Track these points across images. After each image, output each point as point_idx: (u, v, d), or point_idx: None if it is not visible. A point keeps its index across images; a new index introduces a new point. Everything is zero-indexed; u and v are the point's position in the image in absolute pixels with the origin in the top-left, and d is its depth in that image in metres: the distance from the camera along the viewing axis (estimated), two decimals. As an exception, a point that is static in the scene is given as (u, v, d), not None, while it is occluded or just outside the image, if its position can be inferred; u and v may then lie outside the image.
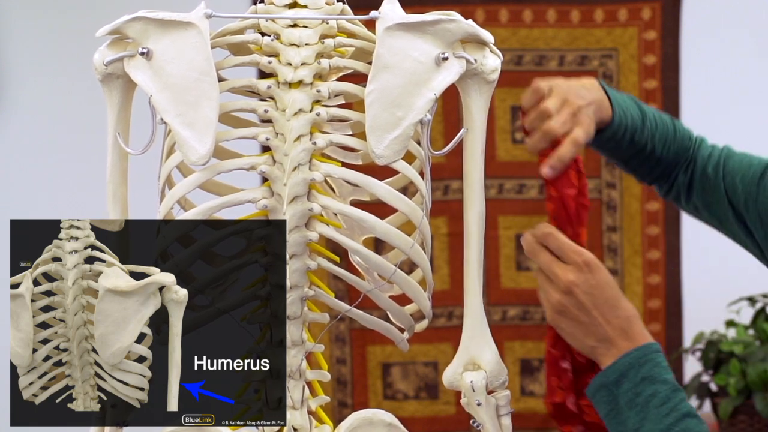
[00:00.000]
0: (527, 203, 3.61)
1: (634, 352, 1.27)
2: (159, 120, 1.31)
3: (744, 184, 1.50)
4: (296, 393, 1.36)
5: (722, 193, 1.52)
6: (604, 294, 1.29)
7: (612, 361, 1.27)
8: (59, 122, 3.56)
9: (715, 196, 1.53)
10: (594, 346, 1.29)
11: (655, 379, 1.26)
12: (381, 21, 1.30)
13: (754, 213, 1.48)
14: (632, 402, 1.25)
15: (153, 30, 1.31)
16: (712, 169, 1.54)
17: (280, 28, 1.32)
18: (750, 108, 3.58)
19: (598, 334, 1.28)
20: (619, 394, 1.26)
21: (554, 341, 1.35)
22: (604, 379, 1.27)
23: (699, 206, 1.57)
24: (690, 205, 1.59)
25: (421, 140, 1.35)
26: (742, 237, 1.53)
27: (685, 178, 1.57)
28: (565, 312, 1.29)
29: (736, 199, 1.51)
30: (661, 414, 1.24)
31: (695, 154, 1.57)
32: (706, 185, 1.55)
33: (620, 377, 1.26)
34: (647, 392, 1.25)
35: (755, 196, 1.48)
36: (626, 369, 1.26)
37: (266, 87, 1.31)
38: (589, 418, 1.33)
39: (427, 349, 3.60)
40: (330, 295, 1.35)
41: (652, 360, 1.27)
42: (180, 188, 1.32)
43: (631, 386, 1.26)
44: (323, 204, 1.32)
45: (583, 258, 1.30)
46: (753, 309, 3.34)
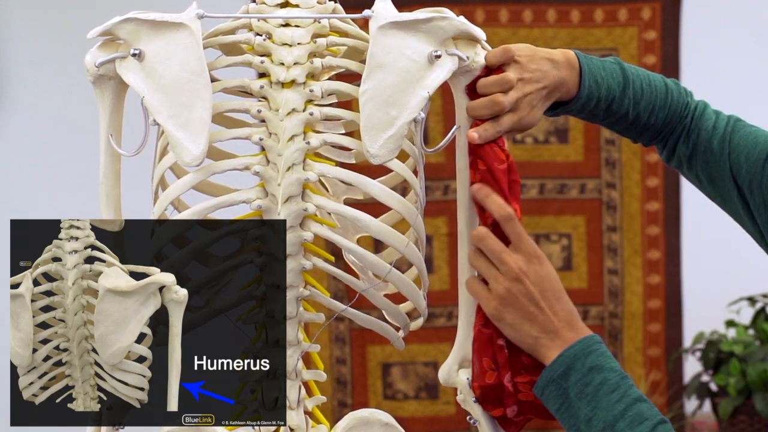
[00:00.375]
0: (527, 203, 3.61)
1: (577, 344, 1.27)
2: (152, 121, 1.30)
3: (749, 164, 1.46)
4: (293, 393, 1.36)
5: (727, 171, 1.49)
6: (552, 285, 1.29)
7: (557, 352, 1.27)
8: (59, 122, 3.57)
9: (719, 172, 1.50)
10: (538, 337, 1.28)
11: (602, 368, 1.26)
12: (374, 20, 1.30)
13: (759, 196, 1.45)
14: (582, 392, 1.25)
15: (145, 31, 1.31)
16: (717, 144, 1.50)
17: (272, 28, 1.32)
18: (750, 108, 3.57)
19: (543, 325, 1.28)
20: (568, 386, 1.25)
21: (485, 319, 1.33)
22: (552, 374, 1.26)
23: (703, 180, 1.53)
24: (692, 175, 1.54)
25: (414, 139, 1.35)
26: (744, 219, 1.49)
27: (687, 149, 1.53)
28: (512, 301, 1.28)
29: (741, 180, 1.47)
30: (612, 401, 1.24)
31: (697, 123, 1.53)
32: (710, 160, 1.51)
33: (567, 369, 1.26)
34: (596, 381, 1.25)
35: (760, 179, 1.45)
36: (572, 361, 1.26)
37: (259, 87, 1.31)
38: (524, 397, 1.31)
39: (427, 349, 3.60)
40: (325, 294, 1.35)
41: (596, 350, 1.27)
42: (174, 189, 1.31)
43: (580, 377, 1.25)
44: (318, 204, 1.32)
45: (534, 248, 1.30)
46: (753, 309, 3.35)
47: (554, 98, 1.41)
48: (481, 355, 1.33)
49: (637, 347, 3.62)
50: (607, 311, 3.62)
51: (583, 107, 1.45)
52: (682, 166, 1.55)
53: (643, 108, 1.49)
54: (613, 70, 1.46)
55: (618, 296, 3.62)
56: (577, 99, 1.43)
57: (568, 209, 3.63)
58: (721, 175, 1.50)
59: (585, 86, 1.43)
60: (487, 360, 1.33)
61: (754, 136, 1.48)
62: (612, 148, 3.62)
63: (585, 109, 1.46)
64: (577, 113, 1.47)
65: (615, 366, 1.27)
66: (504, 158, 1.34)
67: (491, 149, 1.34)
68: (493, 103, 1.34)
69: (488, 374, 1.33)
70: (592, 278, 3.63)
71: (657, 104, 1.50)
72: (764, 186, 1.44)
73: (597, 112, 1.47)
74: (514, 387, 1.31)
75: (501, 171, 1.33)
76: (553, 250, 3.64)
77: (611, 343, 3.62)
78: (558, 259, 3.63)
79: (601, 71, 1.44)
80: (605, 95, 1.45)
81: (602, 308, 3.62)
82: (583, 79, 1.43)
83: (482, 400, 1.34)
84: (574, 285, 3.63)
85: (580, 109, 1.46)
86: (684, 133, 1.54)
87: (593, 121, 1.51)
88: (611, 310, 3.62)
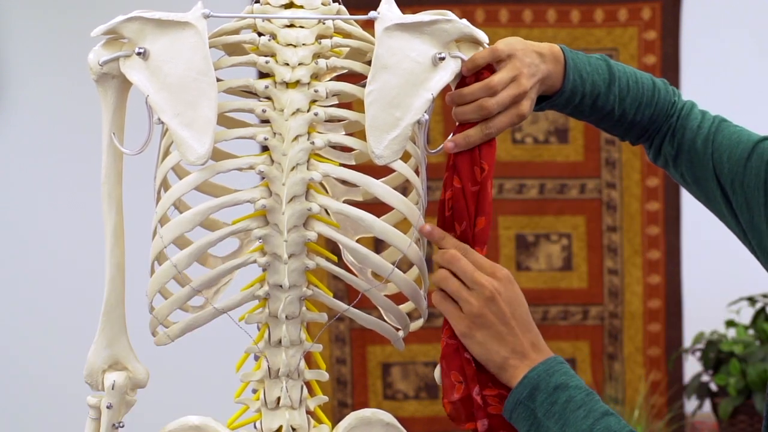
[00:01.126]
0: (527, 203, 3.61)
1: (540, 365, 1.28)
2: (156, 120, 1.30)
3: (731, 163, 1.47)
4: (294, 393, 1.36)
5: (710, 170, 1.49)
6: (521, 308, 1.30)
7: (523, 372, 1.27)
8: (59, 122, 3.57)
9: (703, 172, 1.50)
10: (506, 357, 1.29)
11: (567, 386, 1.26)
12: (380, 21, 1.30)
13: (741, 195, 1.45)
14: (549, 411, 1.26)
15: (150, 30, 1.31)
16: (701, 143, 1.51)
17: (277, 28, 1.32)
18: (750, 108, 3.57)
19: (513, 345, 1.29)
20: (535, 407, 1.26)
21: (452, 332, 1.32)
22: (518, 396, 1.27)
23: (688, 179, 1.54)
24: (678, 174, 1.55)
25: (417, 140, 1.36)
26: (728, 218, 1.49)
27: (672, 149, 1.54)
28: (484, 321, 1.29)
29: (723, 179, 1.48)
30: (579, 417, 1.24)
31: (683, 122, 1.54)
32: (694, 159, 1.51)
33: (533, 390, 1.26)
34: (562, 399, 1.26)
35: (741, 178, 1.45)
36: (537, 381, 1.27)
37: (264, 87, 1.31)
38: (493, 410, 1.30)
39: (427, 349, 3.60)
40: (328, 294, 1.35)
41: (560, 369, 1.28)
42: (177, 189, 1.31)
43: (546, 396, 1.26)
44: (322, 203, 1.32)
45: (504, 271, 1.31)
46: (753, 309, 3.35)
47: (540, 92, 1.40)
48: (450, 368, 1.33)
49: (637, 347, 3.62)
50: (607, 311, 3.62)
51: (568, 102, 1.45)
52: (668, 165, 1.56)
53: (629, 104, 1.49)
54: (599, 65, 1.46)
55: (618, 296, 3.62)
56: (561, 93, 1.43)
57: (568, 209, 3.63)
58: (705, 175, 1.50)
59: (569, 80, 1.42)
60: (455, 373, 1.32)
61: (737, 136, 1.49)
62: (612, 148, 3.62)
63: (570, 104, 1.45)
64: (561, 108, 1.47)
65: (580, 383, 1.28)
66: (479, 179, 1.33)
67: (471, 168, 1.33)
68: (479, 108, 1.34)
69: (457, 387, 1.32)
70: (592, 278, 3.63)
71: (643, 101, 1.50)
72: (746, 185, 1.45)
73: (582, 108, 1.47)
74: (483, 400, 1.31)
75: (472, 193, 1.33)
76: (553, 250, 3.64)
77: (611, 343, 3.62)
78: (558, 259, 3.63)
79: (586, 66, 1.44)
80: (590, 90, 1.45)
81: (602, 308, 3.62)
82: (567, 73, 1.42)
83: (454, 416, 1.33)
84: (574, 285, 3.63)
85: (565, 104, 1.46)
86: (669, 132, 1.54)
87: (579, 118, 1.51)
88: (611, 310, 3.62)
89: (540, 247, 3.63)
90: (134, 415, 1.48)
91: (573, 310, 3.62)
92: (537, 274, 3.62)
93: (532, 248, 3.63)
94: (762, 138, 1.48)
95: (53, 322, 3.55)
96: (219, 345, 2.56)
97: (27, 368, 3.59)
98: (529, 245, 3.62)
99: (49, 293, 3.55)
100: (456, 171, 1.34)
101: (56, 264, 3.55)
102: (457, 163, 1.34)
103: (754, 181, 1.44)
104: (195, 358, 3.27)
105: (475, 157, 1.34)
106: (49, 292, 3.56)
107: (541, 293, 3.59)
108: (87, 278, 2.78)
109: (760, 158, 1.44)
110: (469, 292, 1.30)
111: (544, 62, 1.39)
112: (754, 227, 1.45)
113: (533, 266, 3.63)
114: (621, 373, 3.60)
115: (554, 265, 3.63)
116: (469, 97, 1.34)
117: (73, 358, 2.07)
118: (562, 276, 3.63)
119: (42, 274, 3.55)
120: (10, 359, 3.59)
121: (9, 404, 3.59)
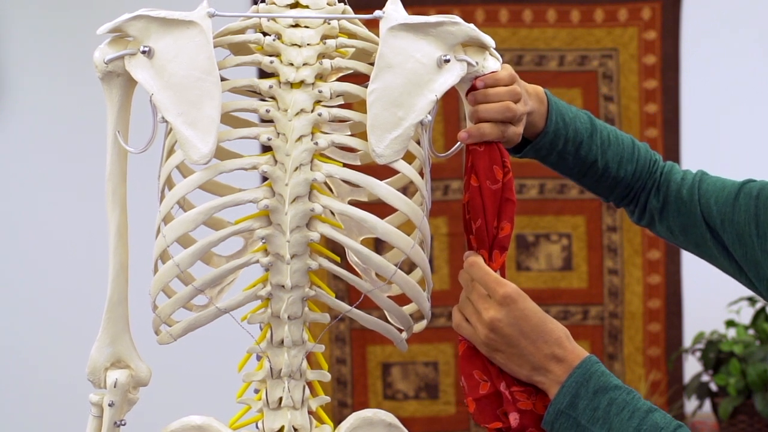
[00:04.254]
0: (527, 203, 3.61)
1: (576, 371, 1.28)
2: (160, 119, 1.30)
3: (719, 205, 1.52)
4: (296, 393, 1.36)
5: (698, 216, 1.54)
6: (530, 323, 1.29)
7: (556, 387, 1.28)
8: (59, 122, 3.56)
9: (691, 219, 1.55)
10: (530, 375, 1.30)
11: (606, 388, 1.27)
12: (384, 21, 1.30)
13: (732, 233, 1.50)
14: (593, 417, 1.26)
15: (155, 28, 1.31)
16: (687, 192, 1.56)
17: (282, 28, 1.32)
18: (750, 108, 3.58)
19: (530, 363, 1.29)
20: (578, 415, 1.26)
21: None
22: (558, 406, 1.27)
23: (675, 230, 1.58)
24: (663, 228, 1.60)
25: (422, 141, 1.35)
26: (720, 259, 1.55)
27: (658, 203, 1.58)
28: (495, 347, 1.30)
29: (713, 221, 1.53)
30: (624, 418, 1.25)
31: (666, 177, 1.59)
32: (681, 208, 1.56)
33: (573, 398, 1.27)
34: (604, 403, 1.26)
35: (731, 216, 1.50)
36: (576, 389, 1.27)
37: (268, 87, 1.31)
38: (523, 405, 1.31)
39: (427, 349, 3.60)
40: (331, 295, 1.35)
41: (596, 372, 1.28)
42: (181, 188, 1.31)
43: (587, 402, 1.26)
44: (325, 204, 1.32)
45: (502, 292, 1.30)
46: (753, 309, 3.35)
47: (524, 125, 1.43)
48: (471, 368, 1.33)
49: (637, 347, 3.62)
50: (607, 311, 3.62)
51: (552, 145, 1.49)
52: (653, 221, 1.61)
53: (611, 157, 1.55)
54: (580, 115, 1.53)
55: (618, 296, 3.62)
56: (545, 133, 1.48)
57: (568, 209, 3.63)
58: (693, 221, 1.55)
59: (552, 121, 1.48)
60: (478, 372, 1.33)
61: (722, 182, 1.55)
62: (612, 148, 3.62)
63: (554, 149, 1.50)
64: (546, 153, 1.51)
65: (618, 383, 1.28)
66: (500, 178, 1.34)
67: (489, 167, 1.34)
68: (506, 109, 1.35)
69: (482, 385, 1.32)
70: (592, 278, 3.63)
71: (624, 156, 1.57)
72: (736, 222, 1.50)
73: (566, 156, 1.51)
74: (512, 395, 1.31)
75: (491, 191, 1.33)
76: (553, 250, 3.64)
77: (611, 343, 3.62)
78: (558, 259, 3.63)
79: (568, 112, 1.51)
80: (572, 136, 1.50)
81: (602, 308, 3.62)
82: (550, 114, 1.48)
83: (478, 414, 1.33)
84: (574, 285, 3.63)
85: (549, 147, 1.50)
86: (654, 187, 1.60)
87: (563, 170, 1.55)
88: (611, 310, 3.62)
89: (540, 247, 3.63)
90: (136, 414, 1.48)
91: (573, 310, 3.62)
92: (537, 274, 3.62)
93: (532, 248, 3.63)
94: (746, 180, 1.53)
95: (55, 320, 3.55)
96: (221, 345, 2.56)
97: (29, 366, 3.58)
98: (529, 245, 3.63)
99: (51, 292, 3.55)
100: (474, 170, 1.34)
101: (57, 263, 3.54)
102: (474, 162, 1.34)
103: (744, 217, 1.49)
104: (197, 358, 3.27)
105: (495, 156, 1.34)
106: (51, 290, 3.55)
107: (541, 293, 3.59)
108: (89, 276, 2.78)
109: (748, 195, 1.50)
110: (477, 317, 1.31)
111: (530, 98, 1.44)
112: (748, 260, 1.49)
113: (533, 266, 3.63)
114: (621, 373, 3.60)
115: (554, 265, 3.63)
116: (496, 98, 1.36)
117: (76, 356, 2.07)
118: (562, 276, 3.63)
119: (43, 274, 3.55)
120: (11, 358, 3.59)
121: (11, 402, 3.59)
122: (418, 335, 1.45)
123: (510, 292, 1.30)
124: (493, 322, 1.29)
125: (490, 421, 1.33)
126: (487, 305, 1.30)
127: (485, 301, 1.30)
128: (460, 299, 1.34)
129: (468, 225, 1.35)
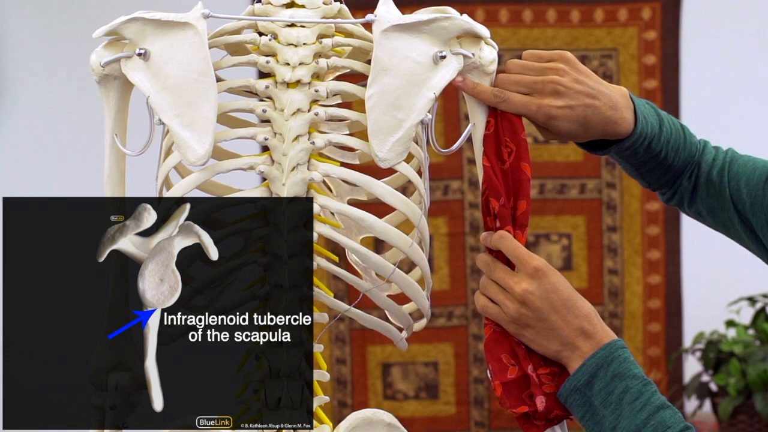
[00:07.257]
0: (527, 203, 3.61)
1: (600, 351, 1.28)
2: (157, 121, 1.30)
3: (749, 188, 1.50)
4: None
5: (727, 198, 1.52)
6: (561, 297, 1.30)
7: (578, 363, 1.28)
8: (59, 122, 3.56)
9: (720, 201, 1.53)
10: (558, 350, 1.30)
11: (625, 375, 1.27)
12: (377, 24, 1.30)
13: (762, 216, 1.48)
14: (606, 401, 1.26)
15: (150, 31, 1.31)
16: (717, 174, 1.53)
17: (278, 28, 1.32)
18: (750, 108, 3.58)
19: (560, 338, 1.29)
20: (592, 395, 1.27)
21: None
22: (575, 383, 1.28)
23: (703, 212, 1.56)
24: (693, 210, 1.57)
25: (421, 140, 1.35)
26: (748, 242, 1.52)
27: (690, 184, 1.56)
28: (525, 322, 1.30)
29: (741, 204, 1.50)
30: (635, 409, 1.25)
31: (699, 158, 1.56)
32: (711, 190, 1.54)
33: (591, 378, 1.27)
34: (619, 389, 1.26)
35: (761, 200, 1.48)
36: (596, 369, 1.27)
37: (264, 87, 1.31)
38: (548, 389, 1.31)
39: (427, 349, 3.60)
40: (329, 294, 1.35)
41: (619, 357, 1.28)
42: (178, 189, 1.31)
43: (603, 385, 1.26)
44: (322, 204, 1.32)
45: (533, 264, 1.30)
46: (753, 309, 3.35)
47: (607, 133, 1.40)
48: (499, 352, 1.33)
49: (637, 347, 3.62)
50: (607, 311, 3.63)
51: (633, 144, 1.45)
52: (683, 202, 1.58)
53: (671, 147, 1.51)
54: (649, 108, 1.48)
55: (618, 296, 3.62)
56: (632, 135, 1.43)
57: (568, 209, 3.63)
58: (722, 204, 1.53)
59: (639, 122, 1.43)
60: (506, 356, 1.33)
61: (753, 163, 1.52)
62: (612, 148, 3.62)
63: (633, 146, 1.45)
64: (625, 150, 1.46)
65: (638, 372, 1.28)
66: (504, 158, 1.34)
67: (497, 147, 1.34)
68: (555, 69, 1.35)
69: (510, 369, 1.33)
70: (592, 278, 3.63)
71: (680, 144, 1.53)
72: (765, 206, 1.47)
73: (639, 151, 1.47)
74: (539, 378, 1.31)
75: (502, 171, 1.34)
76: (553, 250, 3.64)
77: (611, 343, 3.62)
78: (558, 259, 3.63)
79: (643, 108, 1.46)
80: (650, 132, 1.46)
81: (602, 308, 3.62)
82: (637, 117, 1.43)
83: (504, 398, 1.33)
84: (574, 285, 3.61)
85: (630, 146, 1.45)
86: (690, 169, 1.57)
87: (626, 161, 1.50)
88: (611, 310, 3.62)
89: (540, 247, 3.63)
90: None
91: (573, 310, 3.62)
92: (537, 274, 3.62)
93: (533, 248, 3.63)
94: None
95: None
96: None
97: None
98: (530, 245, 3.61)
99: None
100: (485, 154, 1.35)
101: (56, 264, 3.54)
102: (485, 146, 1.34)
103: None
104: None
105: (500, 137, 1.34)
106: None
107: (542, 293, 3.59)
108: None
109: None
110: (505, 294, 1.31)
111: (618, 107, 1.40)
112: None
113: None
114: (621, 373, 3.60)
115: (554, 265, 3.63)
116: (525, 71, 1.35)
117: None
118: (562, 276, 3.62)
119: (42, 274, 3.55)
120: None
121: (9, 404, 3.59)
122: (418, 335, 1.45)
123: (541, 265, 1.31)
124: (525, 295, 1.29)
125: (517, 405, 1.33)
126: (517, 278, 1.30)
127: (514, 275, 1.30)
128: (481, 283, 1.34)
129: (486, 206, 1.35)
